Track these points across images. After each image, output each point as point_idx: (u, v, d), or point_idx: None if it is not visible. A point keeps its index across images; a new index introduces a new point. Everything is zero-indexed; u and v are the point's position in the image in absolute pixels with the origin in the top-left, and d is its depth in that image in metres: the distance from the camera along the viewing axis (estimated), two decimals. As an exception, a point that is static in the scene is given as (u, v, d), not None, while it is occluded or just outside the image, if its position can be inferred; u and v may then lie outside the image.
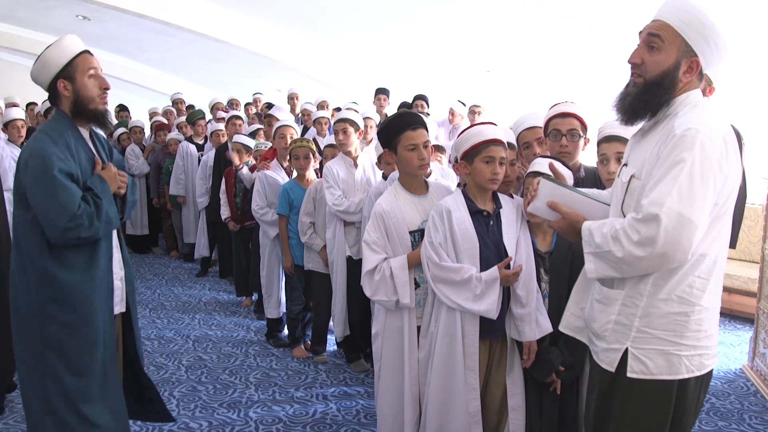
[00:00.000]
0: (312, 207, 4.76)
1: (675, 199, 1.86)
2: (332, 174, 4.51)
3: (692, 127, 1.90)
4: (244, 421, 3.88)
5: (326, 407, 4.09)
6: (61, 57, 2.70)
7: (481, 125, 2.90)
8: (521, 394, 2.93)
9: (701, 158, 1.86)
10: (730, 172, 1.92)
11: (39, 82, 2.75)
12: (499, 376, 2.96)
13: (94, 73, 2.76)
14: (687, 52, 1.99)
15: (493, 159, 2.80)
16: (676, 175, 1.87)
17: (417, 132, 2.99)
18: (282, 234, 4.98)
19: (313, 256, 4.82)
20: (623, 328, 2.05)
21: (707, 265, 1.97)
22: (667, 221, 1.85)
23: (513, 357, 2.96)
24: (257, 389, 4.35)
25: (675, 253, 1.87)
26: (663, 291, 1.98)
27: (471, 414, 2.87)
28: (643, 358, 2.01)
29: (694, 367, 1.99)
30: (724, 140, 1.90)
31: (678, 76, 2.01)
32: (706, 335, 2.00)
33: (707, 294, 1.98)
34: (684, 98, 2.03)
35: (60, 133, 2.68)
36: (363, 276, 2.97)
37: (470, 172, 2.87)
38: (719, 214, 1.95)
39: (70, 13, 11.02)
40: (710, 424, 3.90)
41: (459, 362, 2.83)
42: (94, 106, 2.76)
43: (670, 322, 1.98)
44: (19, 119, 5.95)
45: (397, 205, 3.01)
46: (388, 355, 3.03)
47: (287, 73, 11.63)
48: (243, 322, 5.84)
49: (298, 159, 4.91)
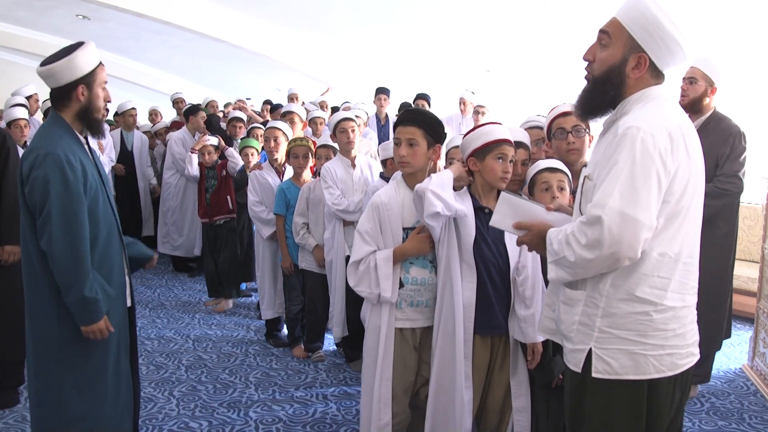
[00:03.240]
0: (305, 207, 4.76)
1: (616, 198, 1.86)
2: (331, 174, 4.50)
3: (633, 125, 1.89)
4: (244, 421, 3.88)
5: (326, 407, 4.09)
6: (87, 64, 2.78)
7: (492, 125, 2.94)
8: (526, 396, 2.94)
9: (642, 156, 1.85)
10: (679, 168, 1.90)
11: (55, 79, 2.77)
12: (502, 377, 2.97)
13: (105, 86, 2.90)
14: (634, 48, 1.98)
15: (506, 157, 2.85)
16: (616, 174, 1.88)
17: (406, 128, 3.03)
18: (279, 234, 4.97)
19: (306, 256, 4.82)
20: (586, 328, 2.04)
21: (668, 264, 1.94)
22: (610, 222, 1.85)
23: (517, 358, 2.97)
24: (257, 389, 4.35)
25: (624, 253, 1.86)
26: (621, 291, 1.96)
27: (465, 402, 2.89)
28: (606, 358, 1.99)
29: (664, 366, 1.96)
30: (670, 136, 1.88)
31: (625, 71, 2.00)
32: (675, 334, 1.97)
33: (671, 293, 1.95)
34: (638, 96, 2.01)
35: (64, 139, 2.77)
36: (349, 265, 2.96)
37: (479, 169, 2.90)
38: (674, 212, 1.92)
39: (70, 12, 11.03)
40: (710, 423, 3.90)
41: (459, 350, 2.88)
42: (98, 115, 2.88)
43: (632, 322, 1.96)
44: (23, 119, 5.92)
45: (397, 199, 3.00)
46: (368, 354, 3.03)
47: (287, 73, 11.64)
48: (243, 322, 5.84)
49: (297, 158, 4.90)
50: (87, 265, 2.69)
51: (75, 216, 2.67)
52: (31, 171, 2.66)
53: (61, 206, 2.64)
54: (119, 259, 2.94)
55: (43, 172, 2.63)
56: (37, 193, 2.64)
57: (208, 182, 6.20)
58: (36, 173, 2.64)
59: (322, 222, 4.71)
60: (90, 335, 2.74)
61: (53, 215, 2.63)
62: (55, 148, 2.67)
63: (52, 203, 2.63)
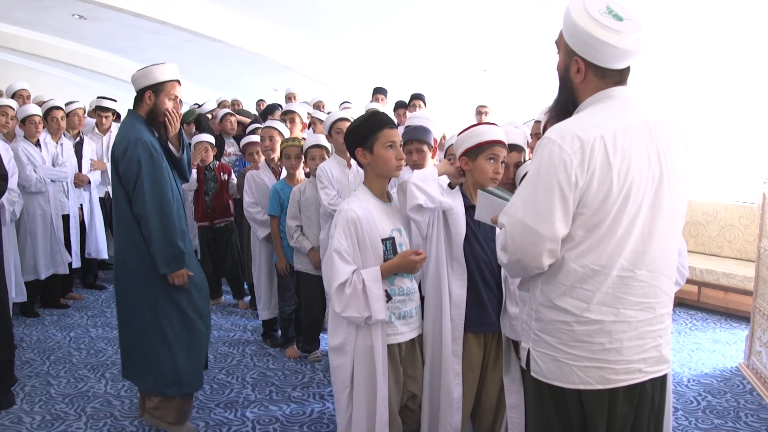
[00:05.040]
0: (297, 210, 4.76)
1: (519, 208, 1.89)
2: (326, 174, 4.50)
3: (547, 135, 1.89)
4: (240, 421, 3.88)
5: (323, 406, 4.09)
6: (160, 76, 3.49)
7: (486, 125, 2.96)
8: (519, 393, 2.95)
9: (547, 167, 1.85)
10: (593, 179, 1.83)
11: (135, 85, 3.54)
12: (496, 375, 2.99)
13: (174, 98, 3.55)
14: (571, 53, 1.97)
15: (497, 158, 2.88)
16: (523, 185, 1.91)
17: (394, 130, 2.90)
18: (274, 234, 4.97)
19: (301, 257, 4.82)
20: (528, 328, 2.08)
21: (593, 277, 1.89)
22: (511, 230, 1.89)
23: (509, 355, 2.99)
24: (254, 389, 4.36)
25: (528, 261, 1.89)
26: (546, 298, 1.98)
27: (454, 399, 2.91)
28: (538, 360, 2.01)
29: (591, 379, 1.92)
30: (582, 147, 1.82)
31: (570, 77, 2.00)
32: (604, 348, 1.91)
33: (596, 306, 1.90)
34: (589, 101, 1.98)
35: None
36: (334, 290, 2.73)
37: (471, 169, 2.92)
38: (593, 224, 1.87)
39: (67, 12, 11.01)
40: (706, 422, 3.91)
41: (446, 347, 2.90)
42: (161, 119, 3.54)
43: (556, 330, 1.96)
44: (37, 114, 5.95)
45: (369, 211, 2.84)
46: (359, 377, 2.81)
47: (285, 73, 11.63)
48: (240, 322, 5.85)
49: (289, 158, 4.90)
50: (174, 223, 3.43)
51: (161, 186, 3.41)
52: (125, 153, 3.37)
53: (151, 179, 3.36)
54: (186, 225, 3.67)
55: (135, 153, 3.35)
56: (131, 170, 3.36)
57: (207, 185, 6.16)
58: (129, 154, 3.36)
59: (315, 223, 4.71)
60: (175, 280, 3.46)
61: (145, 186, 3.35)
62: (141, 135, 3.39)
63: (143, 177, 3.35)
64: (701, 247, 6.77)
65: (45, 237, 5.97)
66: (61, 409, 4.05)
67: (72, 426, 3.82)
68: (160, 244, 3.39)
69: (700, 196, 6.78)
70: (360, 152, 2.90)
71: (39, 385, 4.42)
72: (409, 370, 2.95)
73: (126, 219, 3.46)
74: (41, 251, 5.93)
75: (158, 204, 3.38)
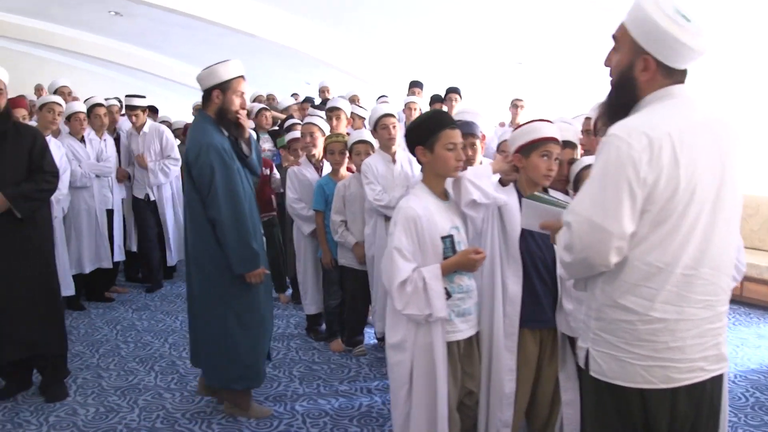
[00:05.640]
0: (342, 205, 4.81)
1: (586, 206, 1.87)
2: (371, 170, 4.53)
3: (613, 132, 1.88)
4: (291, 414, 3.93)
5: (371, 401, 4.13)
6: (225, 74, 3.55)
7: (541, 122, 2.95)
8: (575, 389, 2.95)
9: (614, 164, 1.84)
10: (661, 176, 1.83)
11: (202, 84, 3.60)
12: (551, 371, 3.00)
13: (241, 95, 3.61)
14: (639, 51, 1.95)
15: (550, 155, 2.88)
16: (590, 181, 1.89)
17: (456, 131, 2.88)
18: (319, 229, 5.01)
19: (346, 252, 4.87)
20: (586, 328, 2.07)
21: (657, 274, 1.89)
22: (577, 228, 1.87)
23: (565, 351, 2.99)
24: (302, 383, 4.41)
25: (594, 259, 1.88)
26: (608, 297, 1.96)
27: (506, 395, 2.93)
28: (599, 360, 2.00)
29: (655, 378, 1.92)
30: (650, 144, 1.82)
31: (634, 75, 1.97)
32: (667, 347, 1.90)
33: (660, 304, 1.89)
34: (649, 99, 1.97)
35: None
36: (395, 288, 2.75)
37: (524, 166, 2.93)
38: (658, 221, 1.86)
39: (103, 8, 11.15)
40: (756, 418, 3.88)
41: (500, 343, 2.92)
42: (230, 116, 3.61)
43: (618, 329, 1.95)
44: (81, 111, 6.06)
45: (428, 209, 2.85)
46: (420, 375, 2.82)
47: (319, 67, 11.64)
48: (282, 315, 5.91)
49: (333, 154, 4.94)
50: (248, 226, 3.54)
51: (234, 190, 3.50)
52: (197, 159, 3.46)
53: (224, 184, 3.46)
54: (258, 221, 3.80)
55: (207, 159, 3.44)
56: (205, 176, 3.45)
57: None
58: (202, 160, 3.45)
59: (360, 218, 4.75)
60: (252, 279, 3.59)
61: (219, 192, 3.45)
62: (212, 139, 3.49)
63: (217, 182, 3.44)
64: (743, 240, 6.68)
65: (90, 231, 6.08)
66: (114, 401, 4.14)
67: (126, 418, 3.90)
68: (235, 246, 3.51)
69: (742, 189, 6.70)
70: (420, 150, 2.90)
71: (90, 378, 4.52)
72: (467, 367, 2.96)
73: (199, 220, 3.58)
74: (86, 245, 6.05)
75: (232, 208, 3.49)
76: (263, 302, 3.78)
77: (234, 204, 3.51)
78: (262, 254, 3.70)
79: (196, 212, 3.59)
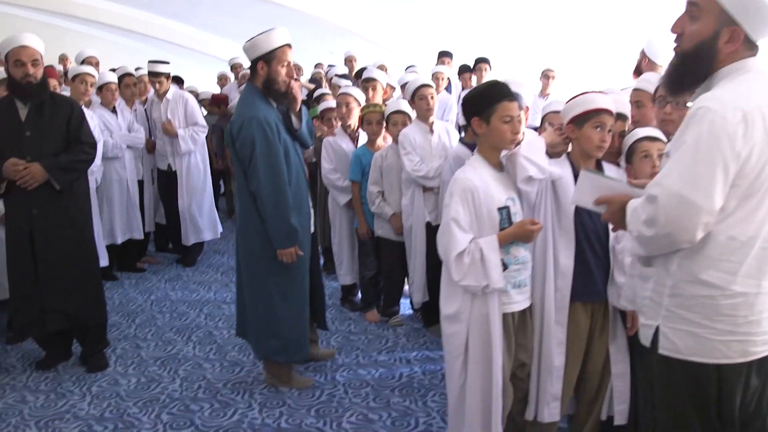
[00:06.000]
0: (378, 175, 4.77)
1: (675, 180, 1.81)
2: (409, 140, 4.49)
3: (704, 105, 1.81)
4: (332, 385, 3.94)
5: (411, 371, 4.13)
6: (268, 45, 3.50)
7: (594, 93, 2.89)
8: (625, 362, 2.94)
9: (708, 139, 1.78)
10: (753, 150, 1.79)
11: (247, 56, 3.59)
12: (602, 343, 2.98)
13: (287, 64, 3.55)
14: (726, 21, 1.86)
15: (604, 126, 2.81)
16: (681, 155, 1.82)
17: (513, 104, 2.83)
18: (355, 200, 4.98)
19: (382, 223, 4.84)
20: (655, 305, 2.01)
21: (739, 249, 1.85)
22: (665, 202, 1.81)
23: (616, 324, 2.97)
24: (341, 353, 4.41)
25: (679, 235, 1.82)
26: (687, 273, 1.91)
27: (555, 368, 2.91)
28: (672, 337, 1.95)
29: (733, 353, 1.88)
30: (744, 118, 1.77)
31: (717, 46, 1.89)
32: (747, 321, 1.88)
33: (741, 278, 1.86)
34: (727, 70, 1.90)
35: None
36: (452, 259, 2.73)
37: (577, 137, 2.87)
38: (747, 194, 1.83)
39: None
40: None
41: (550, 316, 2.90)
42: (278, 87, 3.56)
43: (698, 305, 1.90)
44: (113, 82, 6.02)
45: (484, 180, 2.83)
46: (476, 346, 2.83)
47: (342, 35, 11.55)
48: (314, 286, 5.89)
49: (371, 124, 4.90)
50: (288, 201, 3.54)
51: (275, 164, 3.49)
52: (240, 132, 3.46)
53: (265, 157, 3.45)
54: (306, 194, 3.80)
55: (249, 132, 3.44)
56: (246, 149, 3.46)
57: None
58: (244, 134, 3.45)
59: (397, 189, 4.71)
60: (283, 258, 3.58)
61: (259, 165, 3.45)
62: (256, 112, 3.47)
63: (257, 156, 3.44)
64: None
65: (121, 202, 6.08)
66: (154, 371, 4.17)
67: (168, 388, 3.94)
68: (274, 220, 3.53)
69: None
70: (476, 122, 2.85)
71: (129, 348, 4.55)
72: (520, 339, 2.95)
73: (244, 193, 3.64)
74: (117, 216, 6.05)
75: (272, 182, 3.50)
76: (307, 277, 3.81)
77: (274, 178, 3.50)
78: (307, 231, 3.75)
79: (241, 185, 3.64)
